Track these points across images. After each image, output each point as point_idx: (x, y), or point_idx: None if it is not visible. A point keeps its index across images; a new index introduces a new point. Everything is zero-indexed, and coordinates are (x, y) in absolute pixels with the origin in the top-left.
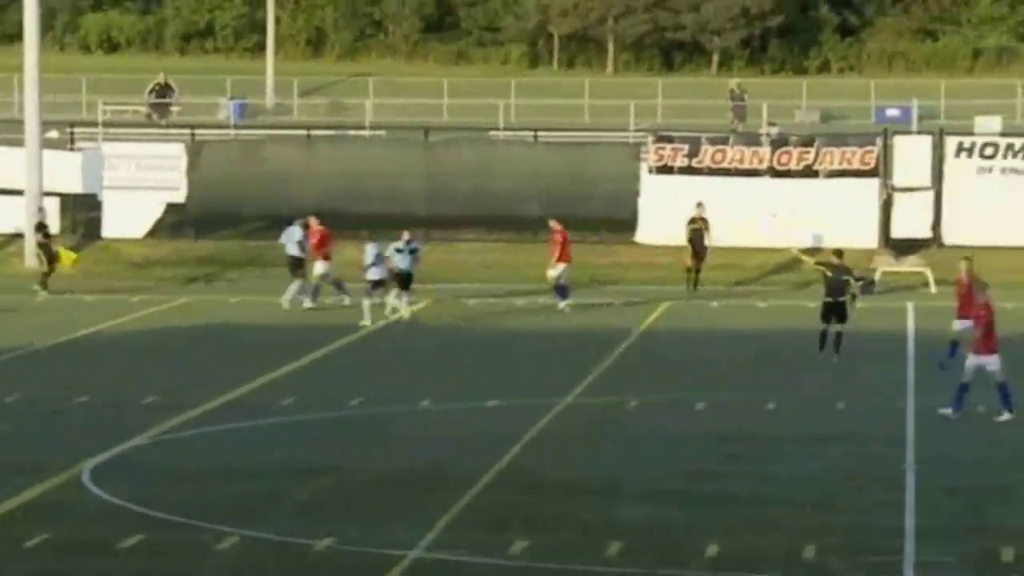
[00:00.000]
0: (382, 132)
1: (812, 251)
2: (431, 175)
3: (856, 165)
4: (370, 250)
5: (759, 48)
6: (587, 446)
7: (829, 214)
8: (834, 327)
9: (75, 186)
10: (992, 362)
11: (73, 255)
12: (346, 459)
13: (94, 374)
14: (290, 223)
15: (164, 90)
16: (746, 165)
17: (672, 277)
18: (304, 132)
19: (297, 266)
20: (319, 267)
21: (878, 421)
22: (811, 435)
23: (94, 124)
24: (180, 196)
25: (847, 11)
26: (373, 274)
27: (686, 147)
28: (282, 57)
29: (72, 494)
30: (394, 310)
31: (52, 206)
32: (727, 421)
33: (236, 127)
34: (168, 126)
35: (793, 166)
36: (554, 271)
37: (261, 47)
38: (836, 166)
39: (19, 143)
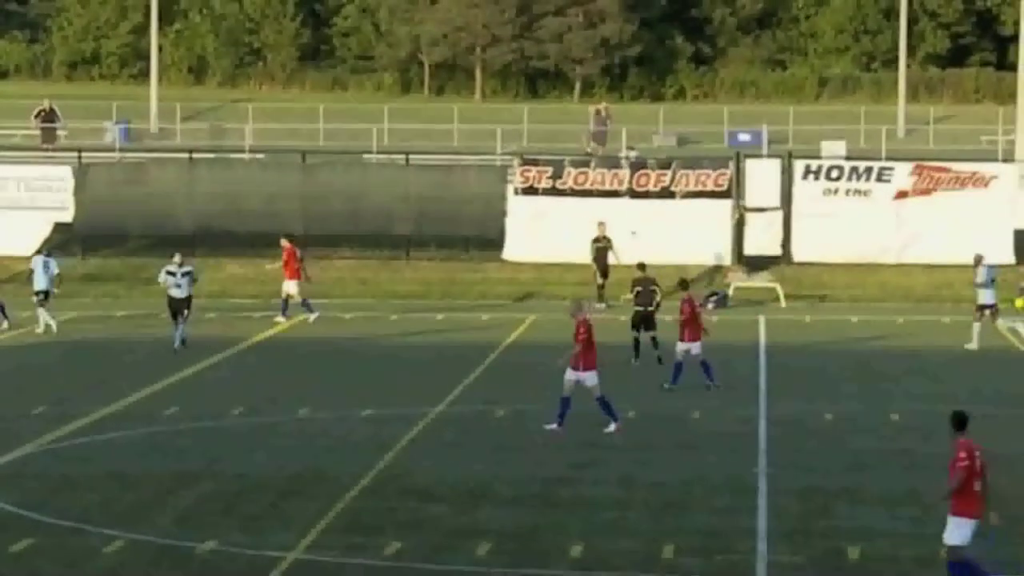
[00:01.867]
0: (261, 155)
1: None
2: (308, 196)
3: (710, 187)
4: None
5: (618, 76)
6: (457, 453)
7: (685, 233)
8: (645, 335)
9: None
10: (589, 378)
11: None
12: (227, 466)
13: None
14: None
15: (49, 115)
16: (607, 187)
17: (538, 291)
18: (186, 155)
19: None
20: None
21: (731, 428)
22: (669, 443)
23: None
24: (68, 216)
25: (701, 41)
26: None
27: (550, 169)
28: (165, 84)
29: None
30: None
31: None
32: (589, 430)
33: (121, 150)
34: (55, 149)
35: (651, 188)
36: (290, 287)
37: (145, 74)
38: (692, 188)
39: None
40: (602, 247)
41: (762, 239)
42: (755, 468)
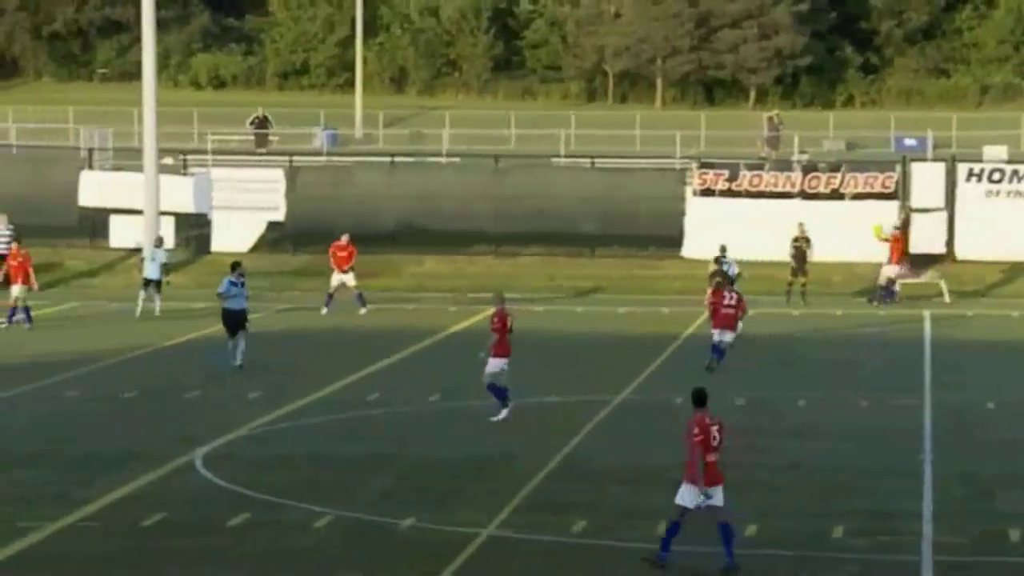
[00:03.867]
0: (456, 159)
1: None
2: (499, 197)
3: (878, 189)
4: None
5: (791, 84)
6: (638, 438)
7: (854, 232)
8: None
9: (187, 206)
10: (501, 364)
11: None
12: (423, 448)
13: (204, 373)
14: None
15: (263, 122)
16: (780, 188)
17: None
18: (388, 159)
19: None
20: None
21: (896, 417)
22: (836, 430)
23: (204, 152)
24: (279, 215)
25: (869, 52)
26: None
27: (726, 172)
28: (369, 92)
29: (186, 479)
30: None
31: (168, 224)
32: (762, 416)
33: (328, 154)
34: (268, 153)
35: (822, 189)
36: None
37: (350, 84)
38: (860, 189)
39: (138, 168)
40: (799, 245)
41: (927, 238)
42: (920, 455)
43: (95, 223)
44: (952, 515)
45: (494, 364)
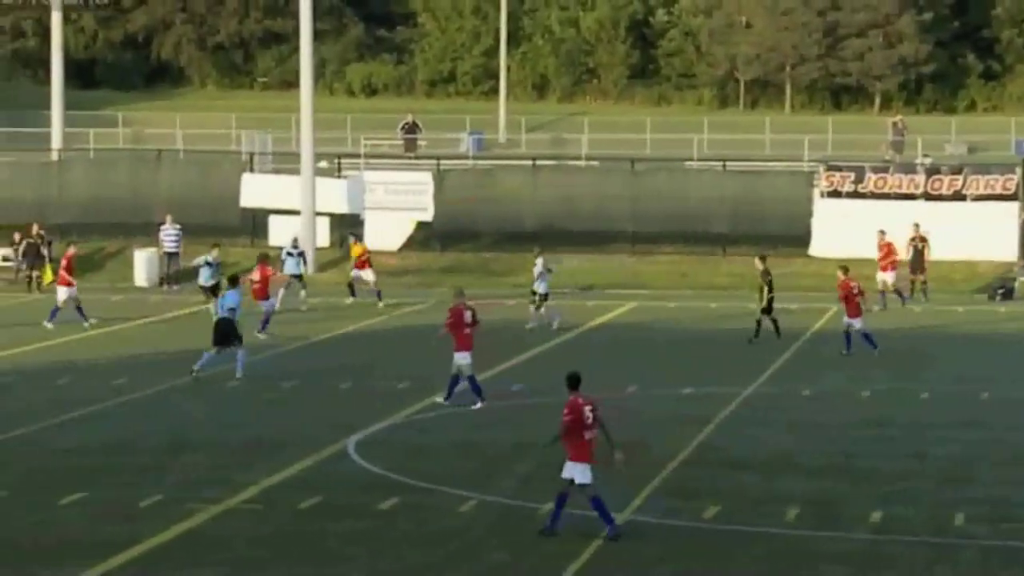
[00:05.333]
0: (595, 162)
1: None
2: (636, 198)
3: (999, 190)
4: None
5: (914, 91)
6: (767, 428)
7: (975, 232)
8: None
9: (341, 207)
10: (463, 358)
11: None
12: None
13: (356, 363)
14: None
15: (412, 127)
16: (904, 190)
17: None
18: (530, 162)
19: None
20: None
21: (1016, 408)
22: (958, 421)
23: (357, 156)
24: (428, 216)
25: (990, 59)
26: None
27: (853, 175)
28: (512, 99)
29: (340, 464)
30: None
31: (323, 224)
32: (886, 407)
33: (474, 158)
34: (417, 157)
35: (944, 191)
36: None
37: (495, 91)
38: (981, 191)
39: (296, 171)
40: (917, 246)
41: None
42: None
43: (255, 223)
44: None
45: (460, 357)
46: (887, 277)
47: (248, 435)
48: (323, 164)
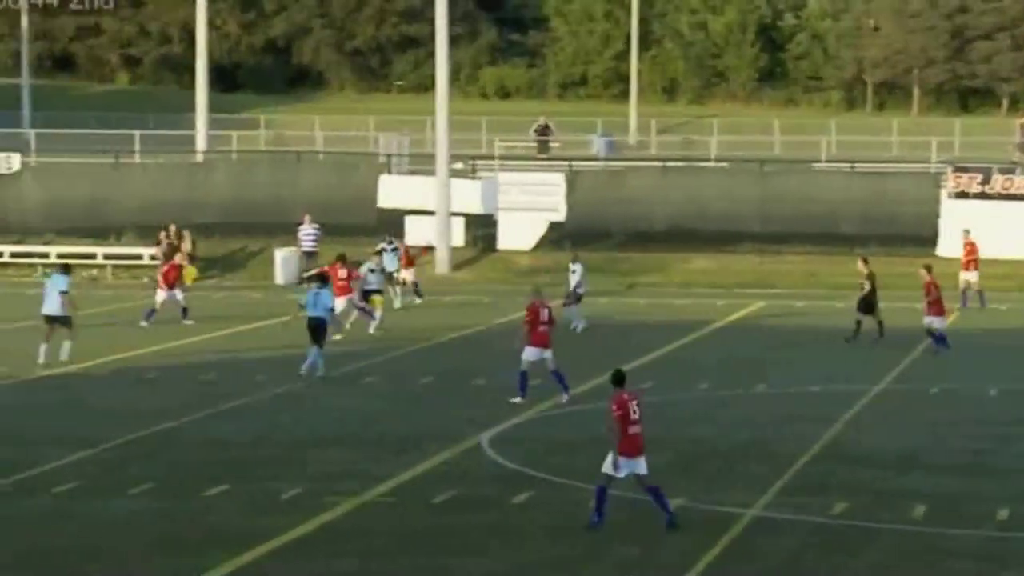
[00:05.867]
0: (724, 164)
1: None
2: (763, 199)
3: None
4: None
5: None
6: (895, 425)
7: None
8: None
9: (476, 208)
10: (534, 354)
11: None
12: (693, 433)
13: (487, 361)
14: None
15: (545, 130)
16: None
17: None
18: (660, 164)
19: None
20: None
21: None
22: None
23: (491, 157)
24: (560, 216)
25: None
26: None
27: (980, 176)
28: (642, 102)
29: (473, 459)
30: None
31: (458, 224)
32: (1014, 406)
33: (605, 159)
34: (549, 159)
35: None
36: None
37: (625, 94)
38: None
39: (432, 173)
40: None
41: None
42: None
43: (392, 223)
44: None
45: (529, 353)
46: (970, 276)
47: (384, 430)
48: (458, 165)
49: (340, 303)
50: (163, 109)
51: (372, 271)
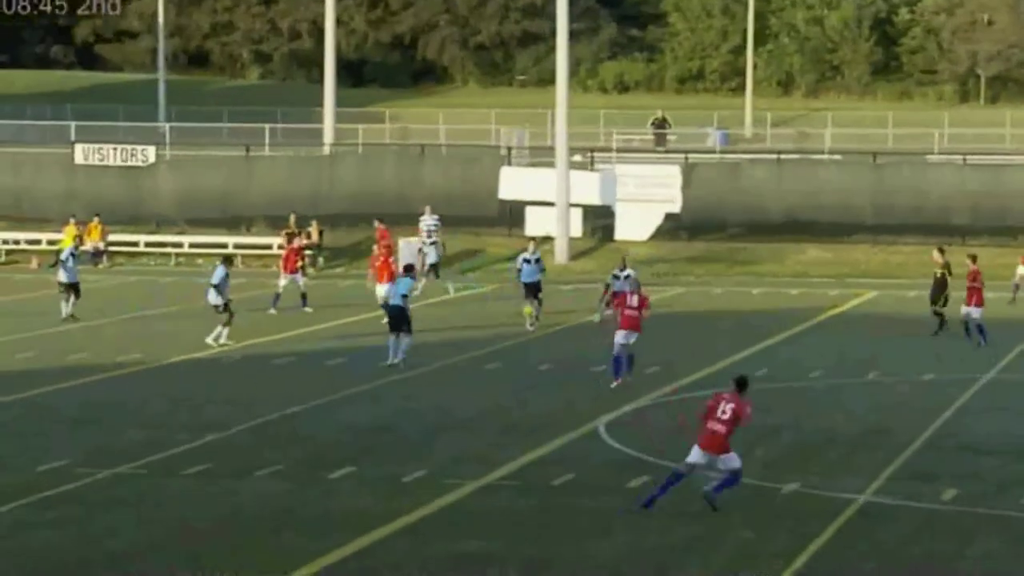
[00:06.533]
0: (838, 156)
1: None
2: (877, 191)
3: None
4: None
5: None
6: (1006, 413)
7: None
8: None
9: (594, 199)
10: (621, 337)
11: None
12: (806, 421)
13: (607, 348)
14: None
15: (662, 123)
16: None
17: None
18: (775, 156)
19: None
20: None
21: None
22: None
23: (609, 150)
24: (676, 207)
25: None
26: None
27: None
28: (758, 95)
29: (591, 444)
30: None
31: (576, 215)
32: None
33: (721, 152)
34: (666, 151)
35: None
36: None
37: (741, 87)
38: None
39: (551, 165)
40: None
41: None
42: None
43: (513, 214)
44: None
45: (618, 336)
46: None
47: (507, 415)
48: (577, 158)
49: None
50: (292, 103)
51: (528, 261)
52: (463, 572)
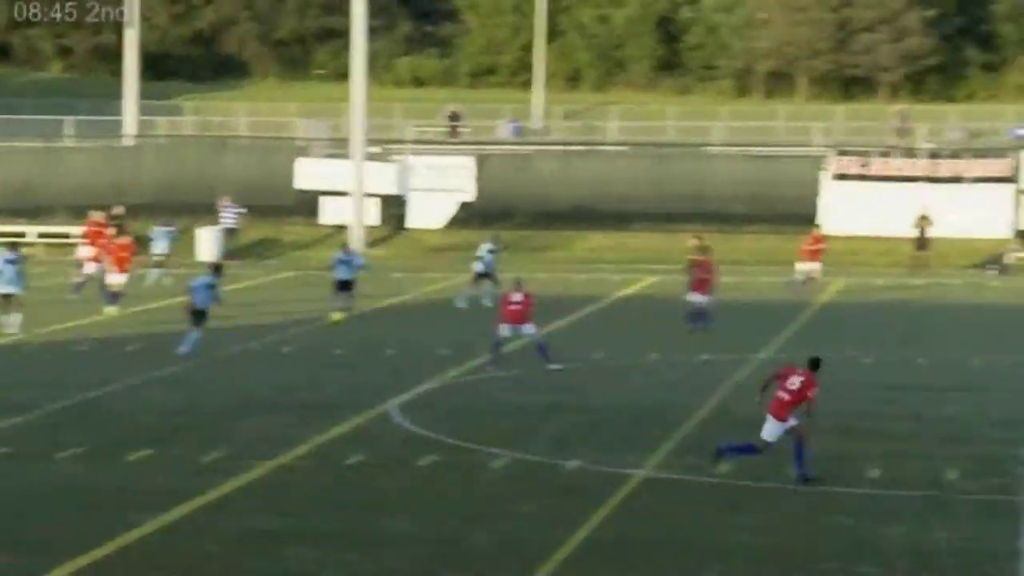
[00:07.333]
0: (624, 148)
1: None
2: (659, 181)
3: (995, 173)
4: None
5: (919, 82)
6: None
7: (973, 212)
8: None
9: (389, 189)
10: (503, 330)
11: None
12: (588, 399)
13: (399, 332)
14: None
15: (455, 116)
16: (907, 173)
17: (853, 260)
18: (563, 148)
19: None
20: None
21: (1008, 371)
22: (955, 386)
23: (405, 141)
24: (470, 197)
25: (990, 52)
26: None
27: (860, 159)
28: (548, 90)
29: (383, 424)
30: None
31: (372, 205)
32: (887, 374)
33: (512, 144)
34: (460, 143)
35: (945, 174)
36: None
37: (532, 82)
38: (979, 174)
39: (347, 156)
40: (922, 225)
41: None
42: None
43: (309, 203)
44: None
45: (501, 329)
46: (812, 267)
47: (302, 397)
48: (373, 149)
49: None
50: (95, 96)
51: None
52: (258, 547)
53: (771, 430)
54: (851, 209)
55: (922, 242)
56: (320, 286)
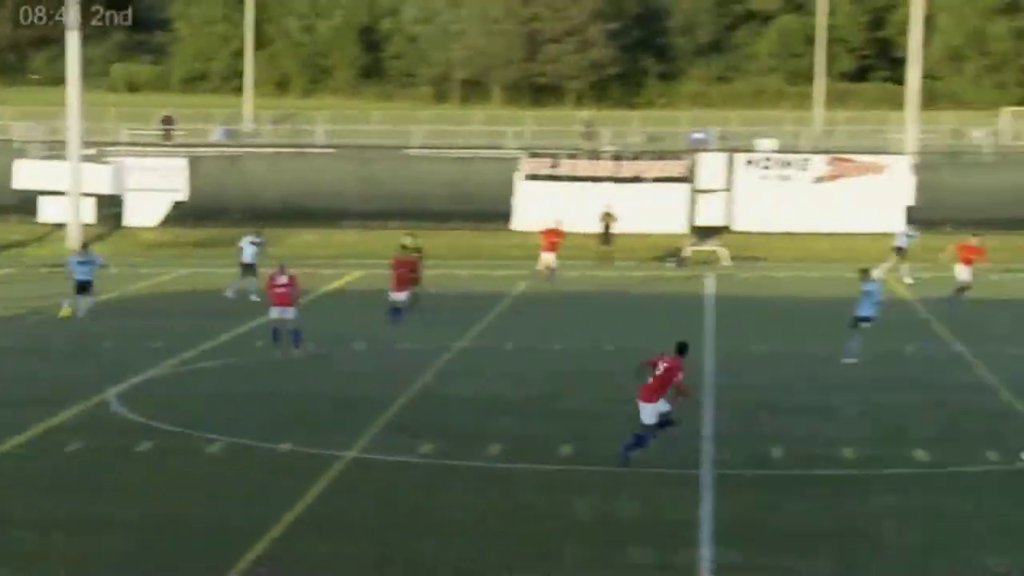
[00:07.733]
0: (330, 149)
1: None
2: (365, 180)
3: (672, 174)
4: None
5: (603, 89)
6: (479, 378)
7: (652, 209)
8: None
9: (106, 189)
10: (274, 312)
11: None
12: (297, 387)
13: (117, 327)
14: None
15: (169, 120)
16: (593, 174)
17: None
18: (272, 149)
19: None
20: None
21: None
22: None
23: (120, 144)
24: (183, 196)
25: (666, 62)
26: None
27: (550, 161)
28: (258, 95)
29: (102, 413)
30: None
31: (89, 204)
32: (573, 360)
33: (224, 146)
34: (173, 146)
35: (627, 175)
36: None
37: (242, 88)
38: (657, 175)
39: (64, 157)
40: (607, 221)
41: (711, 213)
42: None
43: (27, 203)
44: (728, 437)
45: (272, 311)
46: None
47: (19, 388)
48: (89, 151)
49: None
50: None
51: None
52: None
53: (646, 413)
54: (542, 207)
55: (607, 237)
56: (39, 282)
